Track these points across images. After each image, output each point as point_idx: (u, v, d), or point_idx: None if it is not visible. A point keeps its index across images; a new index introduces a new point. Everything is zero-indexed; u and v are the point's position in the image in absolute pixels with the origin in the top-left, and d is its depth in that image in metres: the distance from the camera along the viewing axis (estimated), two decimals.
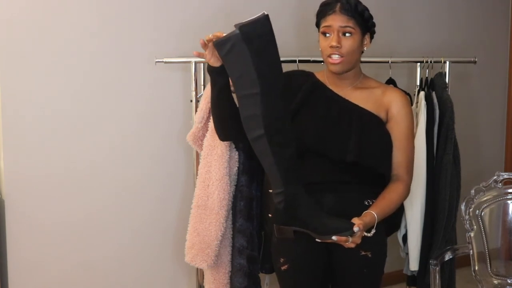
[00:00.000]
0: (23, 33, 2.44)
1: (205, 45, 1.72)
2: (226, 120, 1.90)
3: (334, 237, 1.63)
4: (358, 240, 1.68)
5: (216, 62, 1.74)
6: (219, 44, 1.60)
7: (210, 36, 1.68)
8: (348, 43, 1.83)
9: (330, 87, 1.94)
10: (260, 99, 1.58)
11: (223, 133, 1.99)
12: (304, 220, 1.66)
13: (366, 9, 1.87)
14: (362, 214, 1.74)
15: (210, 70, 1.78)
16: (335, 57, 1.84)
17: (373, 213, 1.74)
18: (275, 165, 1.64)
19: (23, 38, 2.44)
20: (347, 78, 1.93)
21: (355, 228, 1.64)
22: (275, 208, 1.71)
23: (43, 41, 2.48)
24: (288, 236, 1.74)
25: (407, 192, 1.89)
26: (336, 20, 1.82)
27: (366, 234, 1.73)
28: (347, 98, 1.91)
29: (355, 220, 1.68)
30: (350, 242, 1.66)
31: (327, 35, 1.85)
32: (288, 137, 1.68)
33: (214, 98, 1.85)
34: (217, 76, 1.78)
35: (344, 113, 1.87)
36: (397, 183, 1.87)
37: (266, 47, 1.60)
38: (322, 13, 1.87)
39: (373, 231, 1.73)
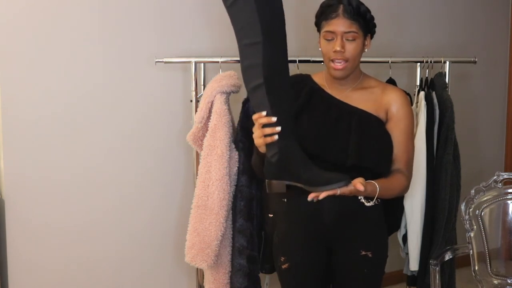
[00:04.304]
0: (23, 34, 2.44)
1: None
2: None
3: (323, 194, 1.61)
4: (361, 187, 1.63)
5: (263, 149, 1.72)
6: None
7: None
8: (352, 47, 1.83)
9: (329, 89, 1.94)
10: (262, 48, 1.59)
11: None
12: (297, 173, 1.64)
13: (368, 10, 1.86)
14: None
15: (260, 156, 1.79)
16: (338, 64, 1.84)
17: (374, 182, 1.74)
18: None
19: (23, 39, 2.44)
20: (347, 80, 1.92)
21: (357, 183, 1.63)
22: (267, 162, 1.69)
23: (42, 41, 2.48)
24: (280, 191, 1.71)
25: (406, 185, 1.88)
26: (339, 25, 1.81)
27: (365, 203, 1.76)
28: (346, 100, 1.90)
29: (356, 179, 1.67)
30: (349, 187, 1.63)
31: (330, 39, 1.84)
32: (286, 90, 1.68)
33: (259, 164, 1.85)
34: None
35: (343, 117, 1.87)
36: (398, 174, 1.86)
37: None
38: (324, 16, 1.85)
39: (372, 202, 1.77)
